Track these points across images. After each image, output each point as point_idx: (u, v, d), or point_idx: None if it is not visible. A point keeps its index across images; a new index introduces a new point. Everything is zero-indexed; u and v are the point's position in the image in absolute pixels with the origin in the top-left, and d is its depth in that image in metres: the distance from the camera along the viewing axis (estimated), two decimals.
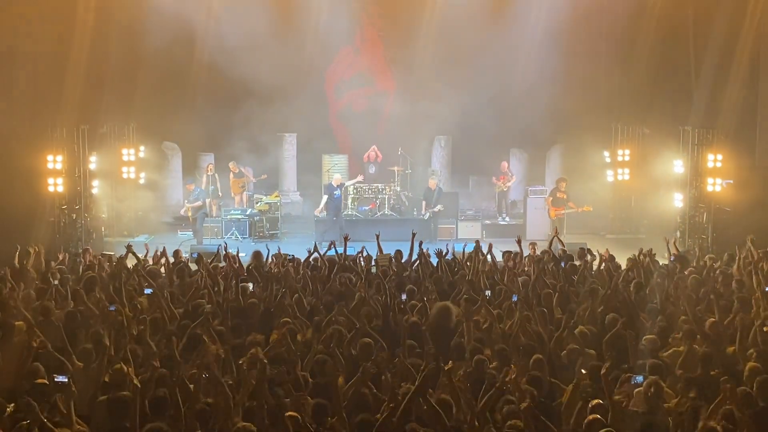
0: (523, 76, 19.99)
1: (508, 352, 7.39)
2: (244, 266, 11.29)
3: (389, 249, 12.62)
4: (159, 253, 11.71)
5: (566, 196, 17.93)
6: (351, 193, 18.90)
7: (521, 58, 20.06)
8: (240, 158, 20.29)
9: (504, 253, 12.34)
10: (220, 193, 19.52)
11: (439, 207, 18.08)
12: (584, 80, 19.06)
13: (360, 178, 19.06)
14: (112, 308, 8.46)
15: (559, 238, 13.08)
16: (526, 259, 11.92)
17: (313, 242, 11.95)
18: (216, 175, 19.46)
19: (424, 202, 18.47)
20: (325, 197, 18.42)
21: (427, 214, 18.14)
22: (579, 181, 19.20)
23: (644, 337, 7.89)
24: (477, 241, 11.92)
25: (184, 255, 12.83)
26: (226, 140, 20.29)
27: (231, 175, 20.09)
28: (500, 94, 20.25)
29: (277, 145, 22.14)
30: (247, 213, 19.12)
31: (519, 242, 12.33)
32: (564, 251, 12.37)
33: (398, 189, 19.73)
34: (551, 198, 17.86)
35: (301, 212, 21.49)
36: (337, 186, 18.09)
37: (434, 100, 20.39)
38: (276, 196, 19.31)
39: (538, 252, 12.57)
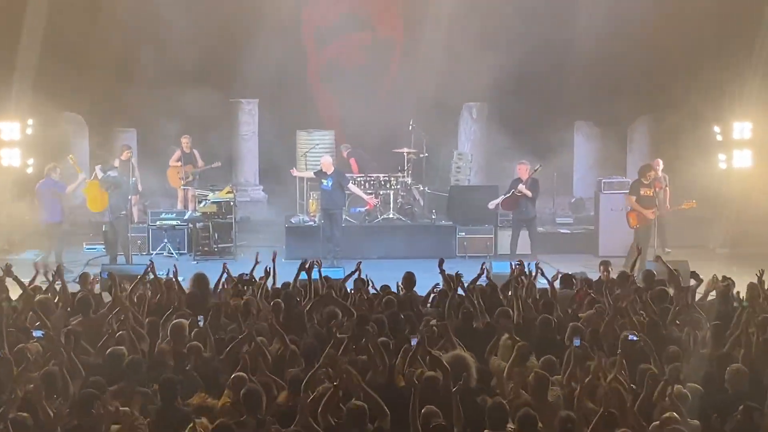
0: (592, 17, 20.04)
1: (573, 424, 7.43)
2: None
3: (396, 269, 12.65)
4: (51, 275, 11.74)
5: (654, 192, 17.86)
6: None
7: None
8: (178, 136, 20.37)
9: (562, 276, 12.36)
10: (140, 188, 19.50)
11: (522, 186, 17.83)
12: (684, 23, 19.10)
13: (375, 202, 18.93)
14: None
15: (661, 259, 13.06)
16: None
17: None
18: (134, 162, 19.45)
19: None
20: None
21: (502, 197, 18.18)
22: (676, 169, 19.22)
23: None
24: (521, 262, 12.01)
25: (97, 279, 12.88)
26: (155, 111, 20.35)
27: (176, 155, 20.13)
28: (558, 44, 20.28)
29: (229, 117, 22.14)
30: (186, 217, 19.16)
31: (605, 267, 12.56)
32: (650, 272, 12.40)
33: (409, 181, 19.76)
34: (635, 197, 17.72)
35: (265, 216, 21.52)
36: (331, 173, 17.99)
37: (461, 51, 20.41)
38: (228, 193, 19.35)
39: (613, 275, 12.57)
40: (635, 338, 9.24)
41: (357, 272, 12.03)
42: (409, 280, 11.85)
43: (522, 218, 18.05)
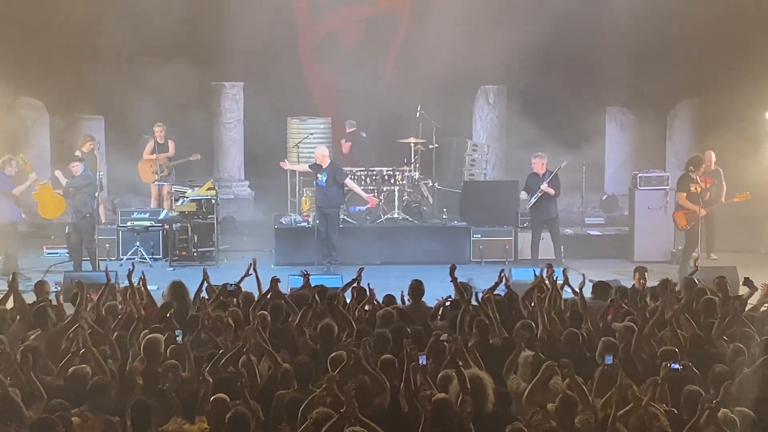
0: None
1: None
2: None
3: (402, 277, 12.61)
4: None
5: (702, 189, 17.84)
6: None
7: None
8: (151, 124, 20.33)
9: (594, 284, 12.34)
10: (104, 183, 19.37)
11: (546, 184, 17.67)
12: None
13: (374, 201, 18.80)
14: None
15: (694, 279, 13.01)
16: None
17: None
18: (97, 154, 19.37)
19: (523, 192, 18.19)
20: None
21: (533, 199, 17.92)
22: (723, 162, 19.16)
23: None
24: (549, 266, 12.00)
25: (54, 288, 12.88)
26: (125, 95, 20.34)
27: (149, 147, 20.07)
28: (588, 17, 20.25)
29: (210, 102, 22.10)
30: (161, 218, 19.15)
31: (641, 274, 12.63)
32: (690, 280, 12.38)
33: (416, 176, 19.76)
34: (684, 194, 17.65)
35: (251, 216, 21.54)
36: (327, 167, 17.95)
37: (476, 25, 20.37)
38: (209, 189, 19.33)
39: (650, 284, 12.54)
40: (679, 367, 9.16)
41: (358, 281, 12.02)
42: (417, 289, 11.81)
43: (543, 218, 17.96)
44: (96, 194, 17.95)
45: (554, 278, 11.84)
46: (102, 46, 20.34)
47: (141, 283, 11.82)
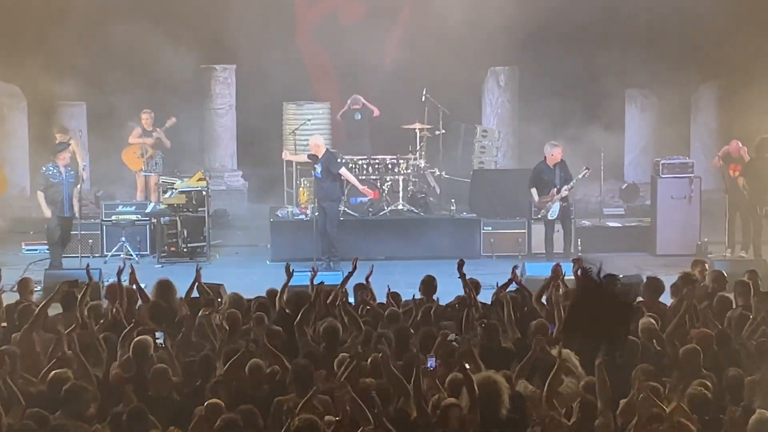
0: None
1: None
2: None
3: (407, 273, 12.61)
4: None
5: None
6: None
7: None
8: (136, 111, 20.31)
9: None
10: (82, 174, 19.25)
11: (570, 185, 17.78)
12: None
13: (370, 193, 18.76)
14: None
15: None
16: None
17: None
18: (74, 144, 19.30)
19: (534, 190, 18.01)
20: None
21: (555, 209, 17.91)
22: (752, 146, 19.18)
23: None
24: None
25: (36, 288, 12.94)
26: (109, 80, 20.35)
27: (135, 133, 19.99)
28: None
29: (200, 87, 22.10)
30: (148, 211, 19.14)
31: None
32: (719, 273, 12.42)
33: (422, 164, 19.75)
34: None
35: (245, 209, 21.57)
36: (321, 157, 17.92)
37: (485, 3, 20.34)
38: (200, 180, 19.33)
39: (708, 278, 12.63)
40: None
41: (368, 274, 12.05)
42: (430, 284, 11.87)
43: None
44: (78, 186, 17.92)
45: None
46: (83, 25, 20.30)
47: (130, 280, 11.86)
